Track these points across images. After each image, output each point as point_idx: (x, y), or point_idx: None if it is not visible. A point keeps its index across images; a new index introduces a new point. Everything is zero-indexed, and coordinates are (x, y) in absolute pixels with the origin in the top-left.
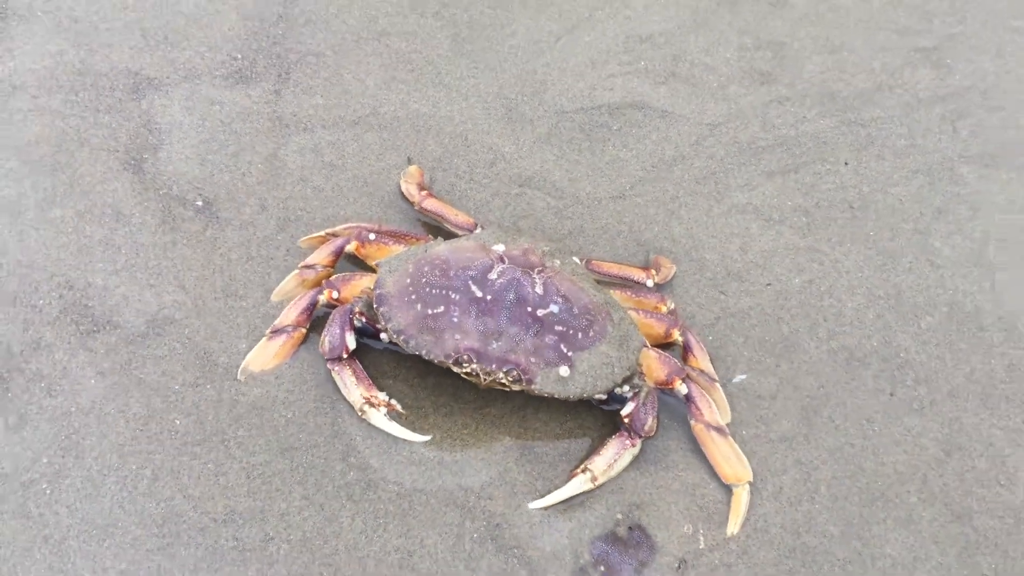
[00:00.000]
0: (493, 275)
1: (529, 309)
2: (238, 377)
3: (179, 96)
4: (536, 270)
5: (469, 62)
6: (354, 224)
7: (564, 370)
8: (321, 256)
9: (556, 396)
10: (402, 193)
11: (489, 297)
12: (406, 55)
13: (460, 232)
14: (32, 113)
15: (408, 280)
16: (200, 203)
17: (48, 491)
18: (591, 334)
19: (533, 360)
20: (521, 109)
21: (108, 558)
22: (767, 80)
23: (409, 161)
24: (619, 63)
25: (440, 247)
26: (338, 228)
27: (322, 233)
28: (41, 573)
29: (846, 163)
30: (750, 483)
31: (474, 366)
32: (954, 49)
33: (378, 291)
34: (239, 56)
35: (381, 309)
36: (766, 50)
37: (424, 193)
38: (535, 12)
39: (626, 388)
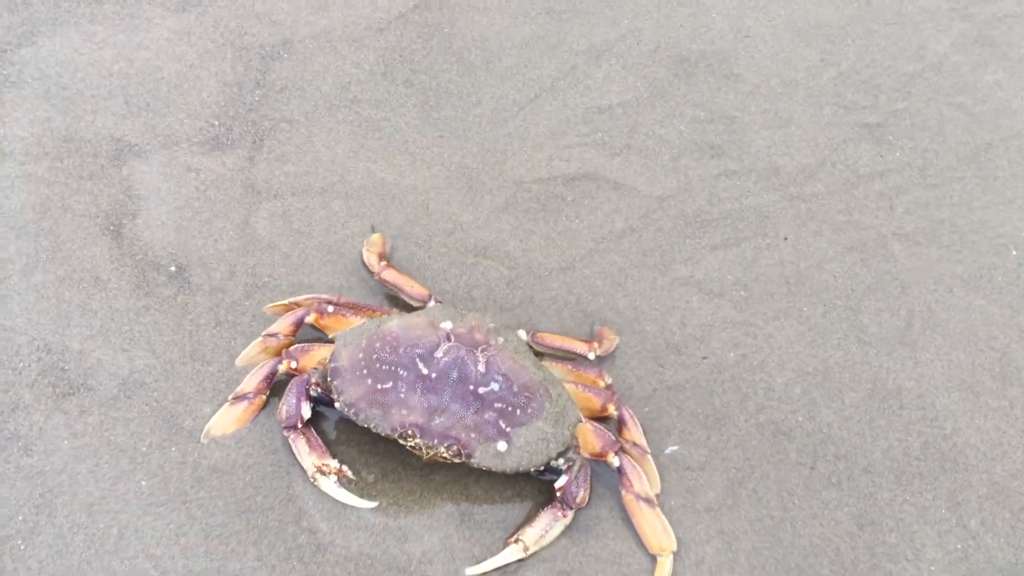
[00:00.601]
0: (439, 353)
1: (471, 387)
2: (201, 440)
3: (158, 162)
4: (480, 348)
5: (435, 131)
6: (314, 296)
7: (502, 445)
8: (283, 326)
9: (494, 469)
10: (363, 262)
11: (434, 375)
12: (375, 123)
13: (415, 303)
14: (19, 180)
15: (361, 355)
16: (173, 268)
17: (23, 547)
18: (529, 411)
19: (473, 436)
20: (481, 179)
21: None
22: (717, 153)
23: (373, 229)
24: (577, 134)
25: (392, 323)
26: (300, 298)
27: (286, 302)
28: None
29: (785, 238)
30: (674, 552)
31: (418, 441)
32: (897, 126)
33: (332, 364)
34: (216, 123)
35: (334, 382)
36: (718, 123)
37: (384, 264)
38: (500, 80)
39: (561, 461)
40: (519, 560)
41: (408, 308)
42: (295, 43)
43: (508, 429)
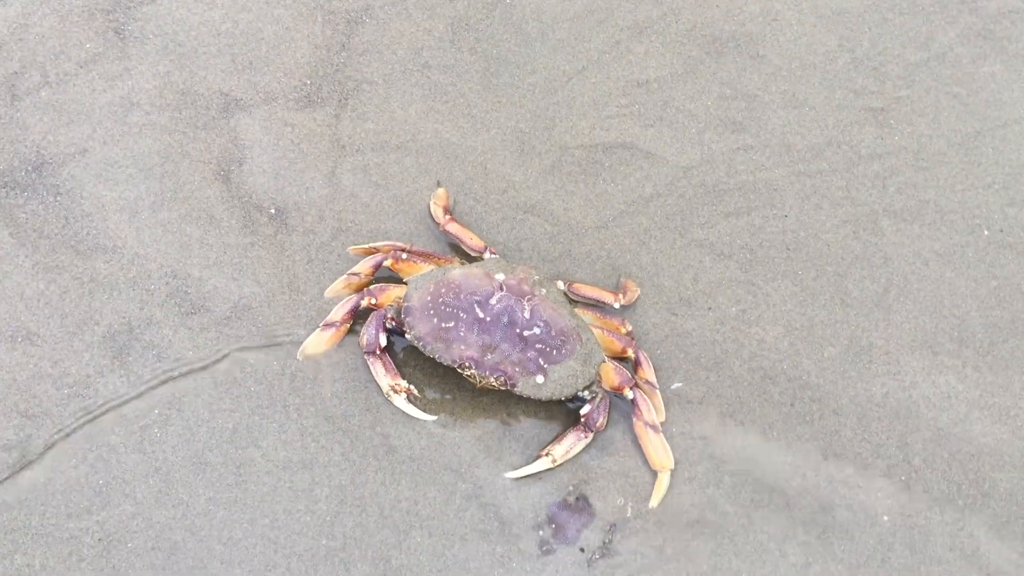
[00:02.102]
0: (493, 300)
1: (518, 330)
2: (297, 357)
3: (259, 116)
4: (527, 298)
5: (494, 96)
6: (391, 243)
7: (540, 378)
8: (364, 267)
9: (532, 397)
10: (430, 213)
11: (488, 318)
12: (443, 87)
13: (474, 253)
14: (146, 127)
15: (429, 298)
16: (273, 211)
17: (158, 434)
18: (563, 351)
19: (517, 370)
20: (532, 143)
21: (200, 487)
22: (738, 129)
23: (438, 184)
24: (617, 105)
25: (455, 272)
26: (379, 244)
27: (367, 246)
28: (151, 495)
29: (790, 209)
30: (672, 470)
31: (472, 371)
32: (899, 111)
33: (405, 304)
34: (308, 82)
35: (406, 319)
36: (741, 101)
37: (447, 217)
38: (553, 52)
39: (586, 392)
40: (548, 469)
41: (468, 257)
42: (375, 8)
43: (546, 366)
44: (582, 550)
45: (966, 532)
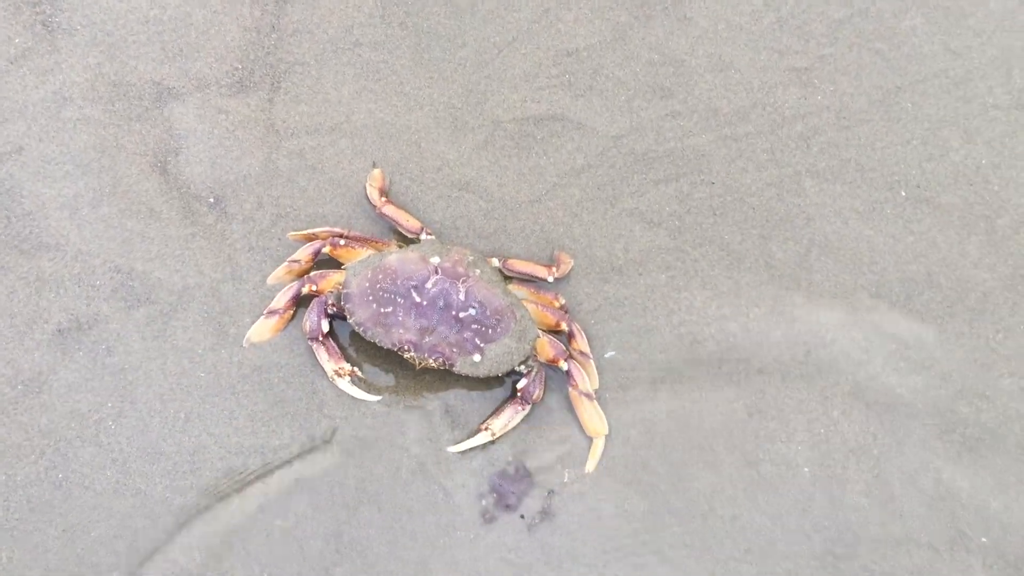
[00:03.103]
0: (429, 284)
1: (454, 312)
2: (244, 344)
3: (193, 105)
4: (461, 280)
5: (426, 72)
6: (328, 229)
7: (477, 357)
8: (304, 254)
9: (470, 375)
10: (367, 196)
11: (425, 302)
12: (375, 65)
13: (410, 236)
14: (80, 122)
15: (367, 284)
16: (212, 200)
17: (113, 427)
18: (499, 330)
19: (455, 350)
20: (465, 118)
21: (157, 476)
22: (666, 95)
23: (374, 165)
24: (548, 76)
25: (392, 257)
26: (317, 230)
27: (306, 232)
28: (109, 486)
29: (717, 175)
30: (606, 435)
31: (412, 354)
32: (822, 70)
33: (345, 291)
34: (239, 66)
35: (346, 305)
36: (669, 66)
37: (384, 200)
38: (483, 23)
39: (522, 367)
40: (489, 442)
41: (405, 239)
42: None
43: (482, 345)
44: (522, 516)
45: (882, 480)
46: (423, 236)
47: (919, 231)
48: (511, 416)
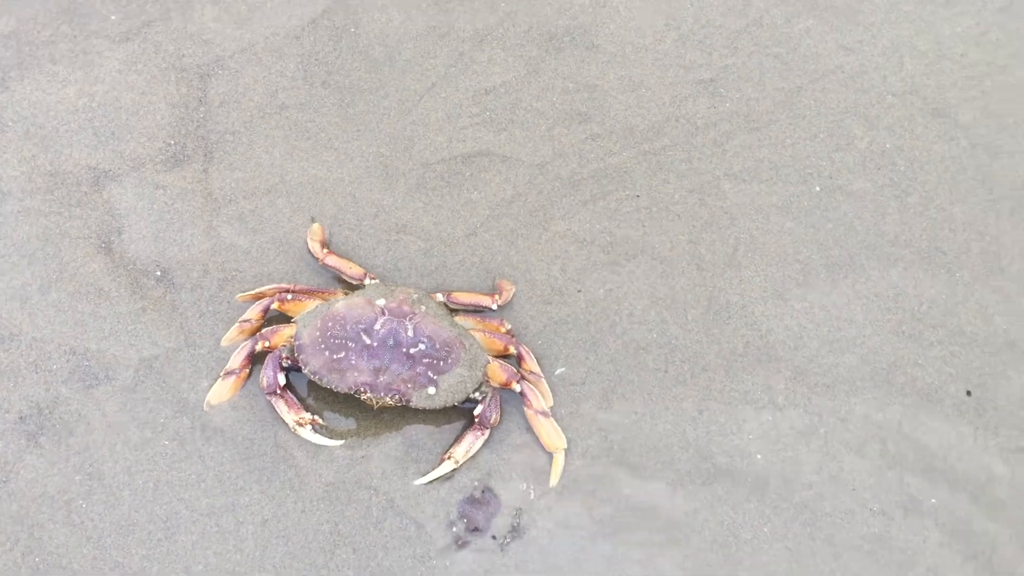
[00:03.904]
0: (377, 326)
1: (404, 349)
2: (204, 408)
3: (131, 184)
4: (408, 318)
5: (352, 126)
6: (275, 286)
7: (432, 390)
8: (253, 313)
9: (428, 408)
10: (309, 250)
11: (375, 343)
12: (303, 124)
13: (355, 282)
14: (21, 214)
15: (318, 333)
16: (159, 273)
17: (83, 505)
18: (450, 361)
19: (410, 386)
20: (395, 164)
21: (133, 547)
22: (583, 120)
23: (312, 220)
24: (469, 115)
25: (339, 304)
26: (264, 288)
27: (253, 292)
28: (86, 563)
29: (640, 188)
30: (565, 449)
31: (368, 395)
32: (727, 79)
33: (297, 342)
34: (172, 142)
35: (300, 356)
36: (583, 92)
37: (325, 251)
38: (402, 73)
39: (477, 394)
40: (453, 470)
41: (350, 286)
42: (226, 59)
43: (435, 377)
44: (494, 537)
45: (831, 456)
46: (367, 281)
47: (836, 218)
48: (472, 442)
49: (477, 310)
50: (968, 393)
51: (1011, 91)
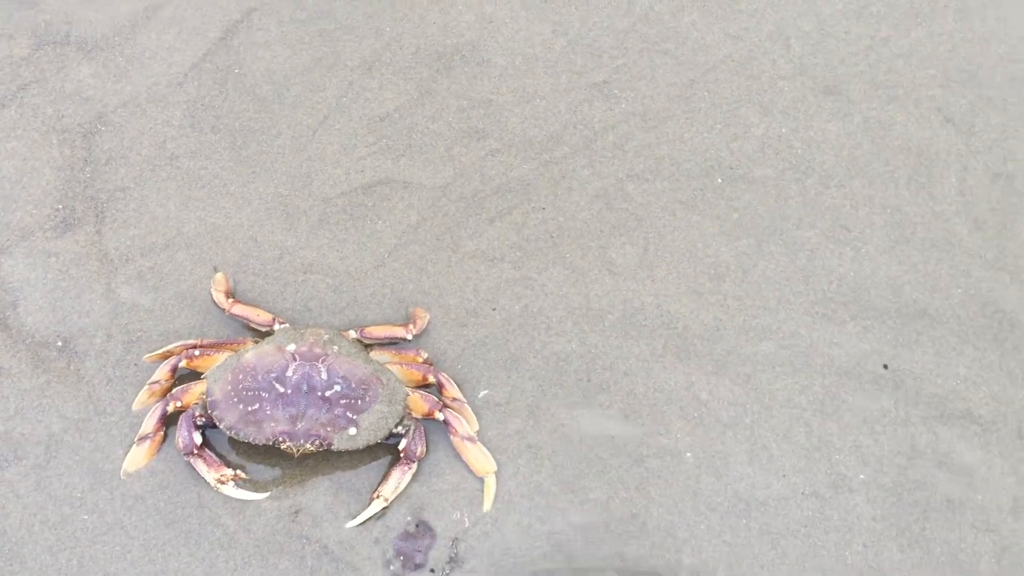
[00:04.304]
0: (289, 372)
1: (319, 393)
2: (121, 477)
3: (21, 255)
4: (320, 360)
5: (247, 168)
6: (182, 343)
7: (352, 430)
8: (162, 373)
9: (351, 448)
10: (214, 301)
11: (289, 390)
12: (195, 173)
13: (263, 329)
14: None
15: (229, 387)
16: (60, 343)
17: None
18: (367, 398)
19: (329, 429)
20: (295, 203)
21: None
22: (481, 136)
23: (215, 270)
24: (365, 144)
25: (248, 355)
26: (171, 347)
27: (160, 352)
28: None
29: (545, 199)
30: (495, 472)
31: (288, 443)
32: (620, 80)
33: (209, 399)
34: (60, 207)
35: (214, 413)
36: (479, 108)
37: (231, 301)
38: (292, 109)
39: (400, 428)
40: (384, 508)
41: (260, 334)
42: (108, 115)
43: (355, 417)
44: (432, 571)
45: (759, 445)
46: (276, 326)
47: (741, 207)
48: (399, 478)
49: (393, 342)
50: (885, 366)
51: (897, 61)
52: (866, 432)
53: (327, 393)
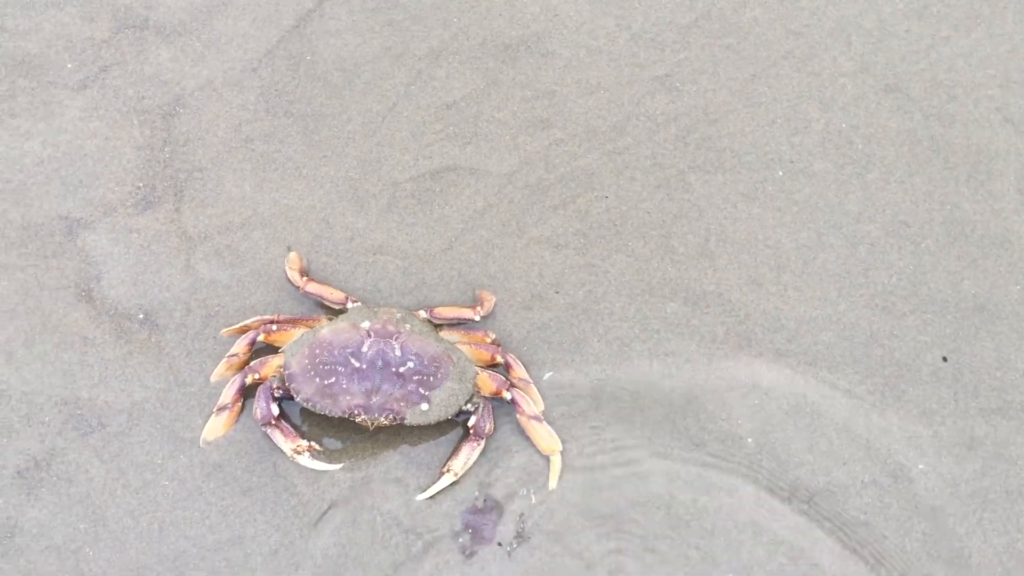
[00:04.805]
0: (365, 348)
1: (394, 369)
2: (200, 445)
3: (104, 230)
4: (394, 337)
5: (319, 152)
6: (259, 318)
7: (424, 406)
8: (240, 347)
9: (422, 424)
10: (288, 279)
11: (364, 365)
12: (269, 156)
13: (337, 307)
14: None
15: (306, 361)
16: (142, 316)
17: (90, 552)
18: (439, 375)
19: (403, 404)
20: (365, 187)
21: None
22: (546, 126)
23: (289, 249)
24: (433, 132)
25: (324, 331)
26: (248, 321)
27: (237, 326)
28: None
29: (608, 189)
30: (561, 451)
31: (363, 417)
32: (682, 73)
33: (287, 371)
34: (141, 184)
35: (291, 385)
36: (543, 99)
37: (305, 279)
38: (362, 96)
39: (469, 405)
40: (453, 483)
41: (332, 311)
42: (185, 97)
43: (427, 393)
44: (500, 544)
45: (819, 433)
46: (349, 304)
47: (801, 200)
48: (469, 454)
49: (460, 323)
50: (944, 359)
51: (957, 60)
52: (924, 423)
53: (401, 369)
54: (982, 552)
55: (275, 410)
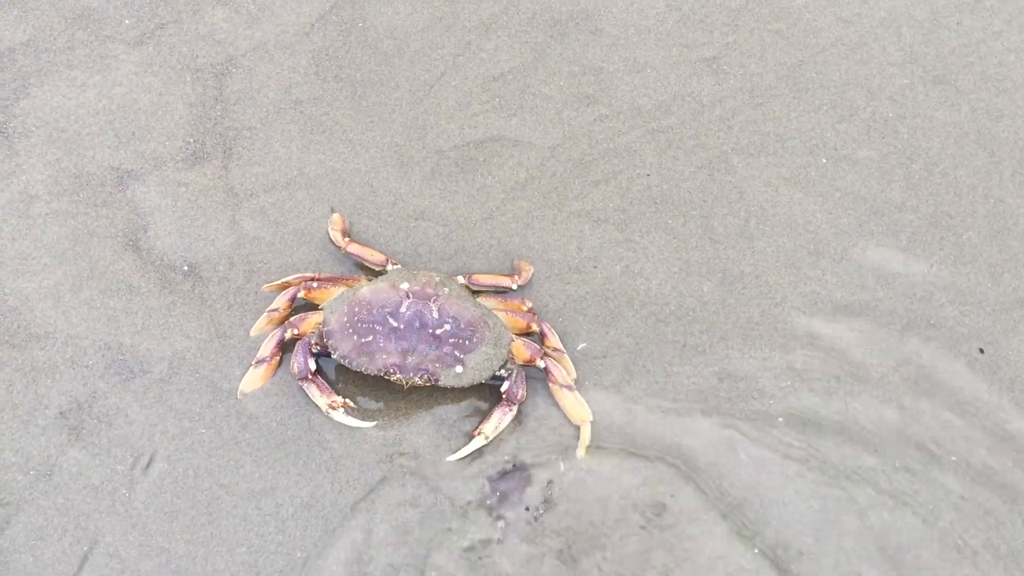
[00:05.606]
0: (403, 309)
1: (430, 330)
2: (238, 396)
3: (153, 182)
4: (432, 299)
5: (366, 117)
6: (300, 275)
7: (459, 369)
8: (281, 302)
9: (456, 386)
10: (330, 239)
11: (402, 326)
12: (317, 118)
13: (377, 268)
14: (49, 216)
15: (345, 319)
16: (186, 268)
17: (127, 494)
18: (475, 340)
19: (437, 365)
20: (409, 153)
21: (177, 532)
22: (591, 102)
23: (332, 210)
24: (479, 102)
25: (364, 290)
26: (289, 278)
27: (279, 282)
28: (133, 550)
29: (651, 166)
30: (591, 421)
31: (398, 376)
32: (729, 56)
33: (325, 328)
34: (191, 140)
35: (329, 342)
36: (589, 75)
37: (347, 240)
38: (411, 64)
39: (503, 371)
40: (483, 446)
41: (372, 272)
42: (238, 58)
43: (462, 356)
44: (527, 509)
45: (851, 418)
46: (389, 267)
47: (843, 187)
48: (500, 418)
49: (498, 291)
50: (981, 351)
51: (1008, 55)
52: (958, 413)
53: (437, 331)
54: (1009, 541)
55: (312, 365)
